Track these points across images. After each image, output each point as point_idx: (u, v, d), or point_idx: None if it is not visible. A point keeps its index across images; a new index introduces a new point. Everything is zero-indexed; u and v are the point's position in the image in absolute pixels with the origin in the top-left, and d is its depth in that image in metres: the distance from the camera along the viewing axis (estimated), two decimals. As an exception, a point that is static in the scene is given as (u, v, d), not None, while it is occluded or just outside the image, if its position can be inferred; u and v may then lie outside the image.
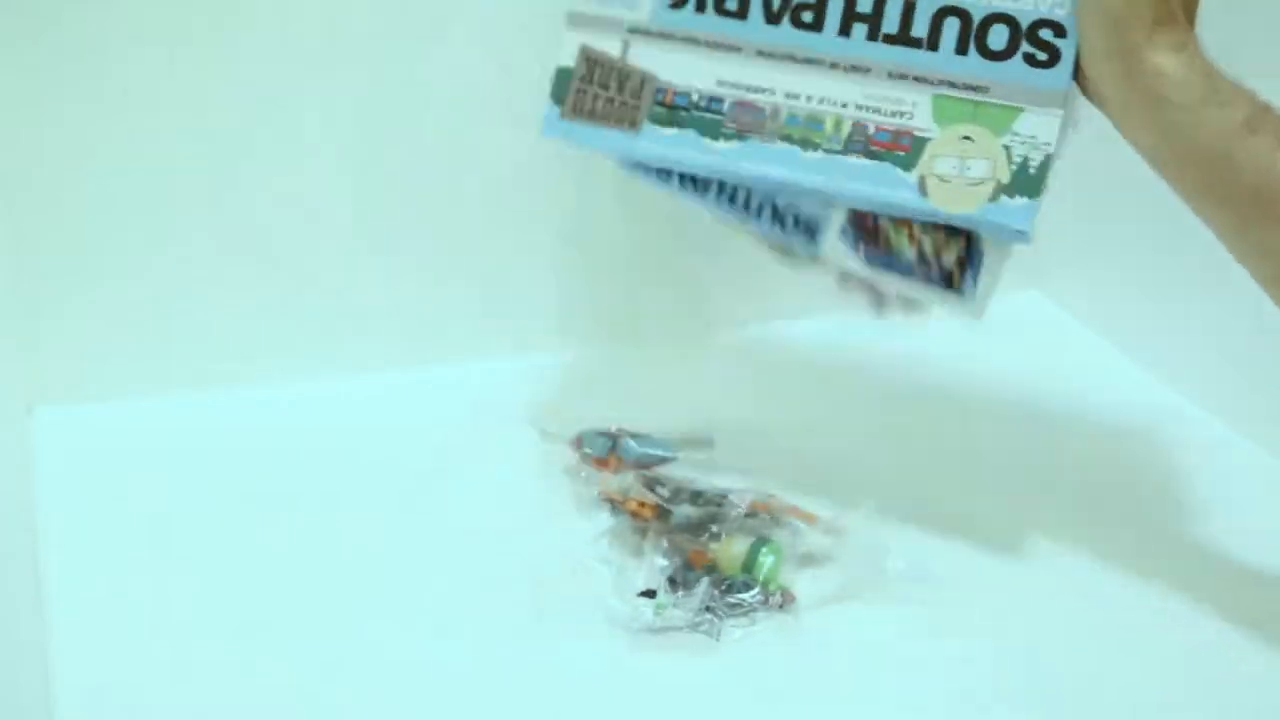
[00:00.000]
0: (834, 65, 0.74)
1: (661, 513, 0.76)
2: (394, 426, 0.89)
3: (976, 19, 0.71)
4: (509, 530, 0.79)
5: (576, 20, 0.79)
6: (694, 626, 0.72)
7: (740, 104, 0.76)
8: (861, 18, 0.74)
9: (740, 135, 0.76)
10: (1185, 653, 0.74)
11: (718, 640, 0.71)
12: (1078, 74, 0.70)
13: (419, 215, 0.93)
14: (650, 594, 0.73)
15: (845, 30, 0.74)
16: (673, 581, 0.74)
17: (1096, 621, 0.76)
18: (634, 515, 0.76)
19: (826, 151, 0.74)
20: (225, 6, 0.84)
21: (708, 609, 0.72)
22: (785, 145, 0.75)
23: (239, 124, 0.87)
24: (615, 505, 0.78)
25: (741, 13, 0.76)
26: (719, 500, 0.78)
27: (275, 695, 0.68)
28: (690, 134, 0.76)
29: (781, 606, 0.73)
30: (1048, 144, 0.70)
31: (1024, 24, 0.70)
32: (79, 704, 0.67)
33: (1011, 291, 0.75)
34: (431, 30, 0.88)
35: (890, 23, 0.73)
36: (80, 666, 0.69)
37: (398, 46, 0.88)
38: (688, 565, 0.75)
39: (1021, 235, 0.70)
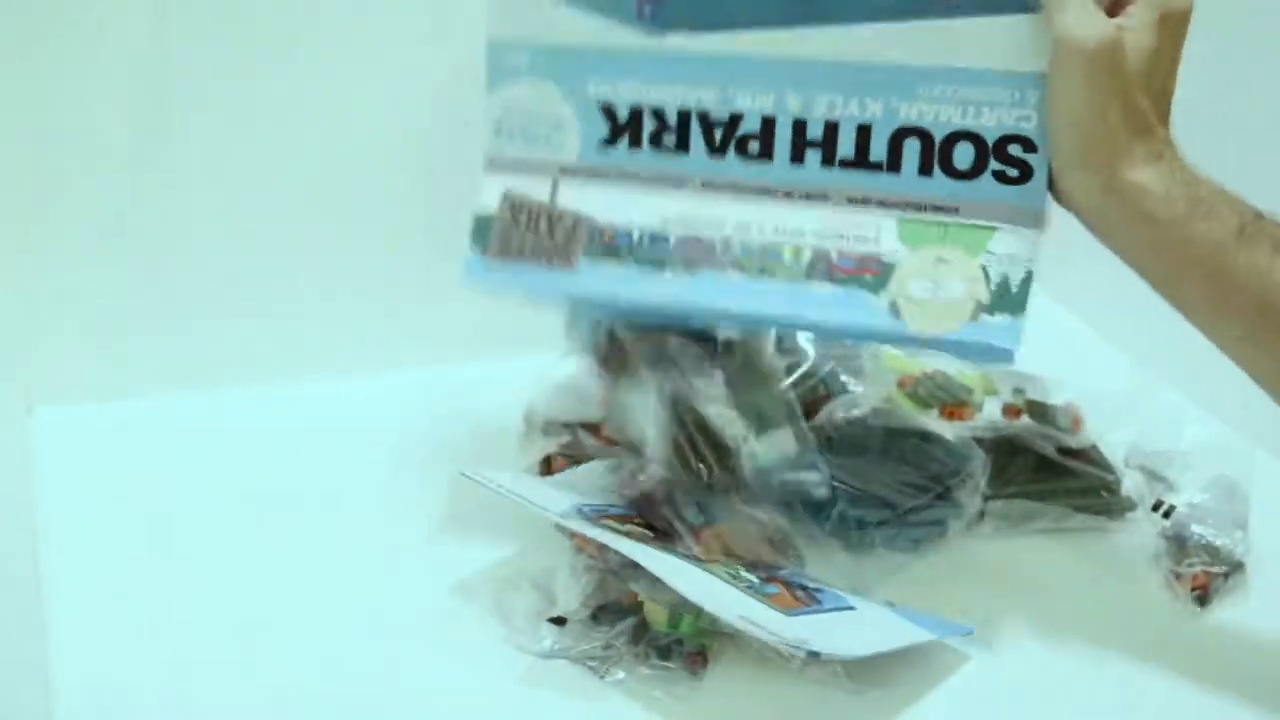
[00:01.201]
0: (788, 194, 0.69)
1: (603, 549, 0.71)
2: (394, 426, 0.89)
3: (939, 138, 0.67)
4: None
5: (496, 165, 0.74)
6: (582, 660, 0.69)
7: (686, 240, 0.70)
8: (813, 144, 0.68)
9: (689, 268, 0.70)
10: (1184, 649, 0.74)
11: (602, 679, 0.68)
12: (1052, 186, 0.66)
13: (418, 215, 0.93)
14: (559, 621, 0.70)
15: (797, 158, 0.69)
16: (594, 616, 0.71)
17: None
18: (578, 549, 0.73)
19: (788, 280, 0.68)
20: (224, 10, 0.84)
21: (607, 648, 0.69)
22: (740, 276, 0.69)
23: (239, 124, 0.87)
24: (564, 531, 0.74)
25: (681, 146, 0.70)
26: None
27: (274, 695, 0.68)
28: (632, 268, 0.71)
29: (689, 666, 0.69)
30: (1028, 260, 0.66)
31: (990, 140, 0.66)
32: (79, 704, 0.67)
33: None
34: (432, 30, 0.88)
35: (845, 147, 0.68)
36: (80, 666, 0.69)
37: (397, 47, 0.89)
38: (618, 605, 0.71)
39: (1007, 355, 0.66)
